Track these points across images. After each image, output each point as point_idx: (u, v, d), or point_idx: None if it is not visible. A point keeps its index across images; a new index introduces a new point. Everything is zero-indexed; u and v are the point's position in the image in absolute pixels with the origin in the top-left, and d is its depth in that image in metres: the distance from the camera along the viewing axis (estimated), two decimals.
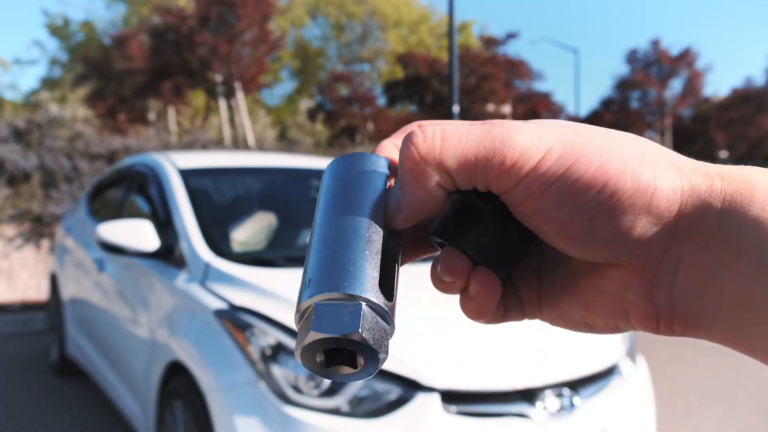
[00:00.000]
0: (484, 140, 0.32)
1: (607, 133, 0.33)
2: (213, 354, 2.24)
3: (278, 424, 1.99)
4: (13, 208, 8.01)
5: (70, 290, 4.36)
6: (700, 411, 3.94)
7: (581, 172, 0.31)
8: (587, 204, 0.31)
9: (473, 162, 0.32)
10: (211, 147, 11.15)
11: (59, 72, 28.92)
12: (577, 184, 0.31)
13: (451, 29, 8.95)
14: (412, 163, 0.33)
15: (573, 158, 0.31)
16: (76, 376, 4.38)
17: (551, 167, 0.31)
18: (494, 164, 0.32)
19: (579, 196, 0.31)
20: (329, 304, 0.31)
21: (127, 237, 2.81)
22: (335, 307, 0.31)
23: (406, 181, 0.34)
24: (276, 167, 3.82)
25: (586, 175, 0.31)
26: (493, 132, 0.32)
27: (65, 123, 10.26)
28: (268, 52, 20.04)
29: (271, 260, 2.76)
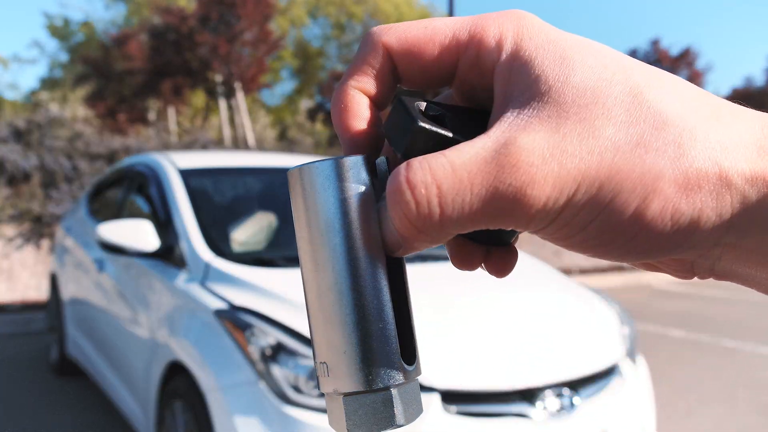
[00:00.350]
0: (494, 198, 0.26)
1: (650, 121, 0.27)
2: (213, 354, 2.24)
3: (278, 424, 1.99)
4: (13, 208, 8.01)
5: (70, 290, 4.36)
6: (700, 411, 3.94)
7: (614, 221, 0.26)
8: (619, 240, 0.27)
9: (483, 225, 0.27)
10: (211, 147, 11.15)
11: (59, 72, 28.93)
12: (608, 232, 0.27)
13: None
14: (407, 233, 0.28)
15: (602, 205, 0.26)
16: (76, 376, 4.38)
17: (576, 219, 0.27)
18: (506, 226, 0.27)
19: (611, 239, 0.27)
20: (357, 398, 0.30)
21: (127, 237, 2.81)
22: (365, 402, 0.30)
23: (402, 237, 0.29)
24: (276, 167, 3.82)
25: (619, 225, 0.26)
26: (504, 181, 0.26)
27: (65, 123, 10.26)
28: (268, 52, 20.03)
29: (271, 260, 2.76)
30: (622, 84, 0.27)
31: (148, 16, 22.56)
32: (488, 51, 0.29)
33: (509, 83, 0.28)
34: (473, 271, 0.34)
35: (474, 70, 0.30)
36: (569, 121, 0.27)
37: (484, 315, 2.42)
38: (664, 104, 0.27)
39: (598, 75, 0.27)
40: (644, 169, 0.26)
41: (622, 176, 0.26)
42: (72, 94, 25.55)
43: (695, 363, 4.99)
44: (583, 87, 0.27)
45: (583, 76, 0.27)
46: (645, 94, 0.27)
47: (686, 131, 0.27)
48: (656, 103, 0.27)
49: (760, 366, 4.97)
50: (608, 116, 0.27)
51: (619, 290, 8.68)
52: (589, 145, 0.26)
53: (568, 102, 0.27)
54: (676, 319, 6.69)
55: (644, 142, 0.26)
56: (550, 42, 0.28)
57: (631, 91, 0.27)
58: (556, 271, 3.12)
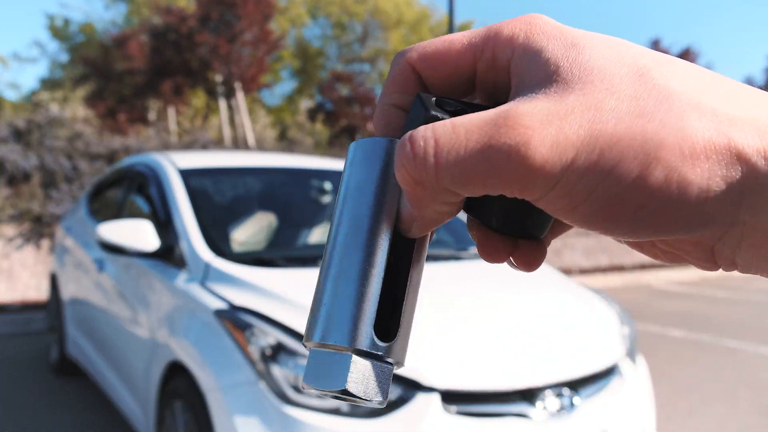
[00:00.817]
0: (489, 155, 0.27)
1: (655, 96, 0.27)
2: (213, 354, 2.24)
3: (278, 424, 1.99)
4: (13, 208, 8.01)
5: (70, 290, 4.36)
6: (701, 411, 3.93)
7: (617, 190, 0.26)
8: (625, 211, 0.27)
9: (479, 183, 0.27)
10: (211, 147, 11.15)
11: (60, 73, 28.94)
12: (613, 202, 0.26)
13: (451, 29, 8.95)
14: (408, 187, 0.29)
15: (603, 173, 0.26)
16: (76, 376, 4.38)
17: (577, 186, 0.26)
18: (504, 187, 0.27)
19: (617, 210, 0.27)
20: (322, 352, 0.31)
21: (127, 237, 2.82)
22: (326, 358, 0.31)
23: (409, 200, 0.30)
24: (276, 167, 3.82)
25: (622, 193, 0.26)
26: (499, 140, 0.26)
27: (65, 123, 10.26)
28: (269, 52, 20.04)
29: (271, 260, 2.76)
30: (630, 65, 0.28)
31: (148, 16, 22.57)
32: (502, 49, 0.30)
33: (522, 73, 0.29)
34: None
35: (492, 71, 0.31)
36: (573, 95, 0.27)
37: (484, 315, 2.42)
38: (671, 82, 0.27)
39: (606, 56, 0.28)
40: (645, 137, 0.26)
41: (623, 144, 0.26)
42: (72, 94, 25.56)
43: (696, 363, 4.99)
44: (590, 66, 0.28)
45: (591, 57, 0.28)
46: (652, 73, 0.27)
47: (692, 105, 0.26)
48: (663, 80, 0.27)
49: (761, 366, 4.97)
50: (612, 91, 0.27)
51: (619, 290, 8.68)
52: (591, 114, 0.26)
53: (575, 79, 0.27)
54: (677, 319, 6.68)
55: (647, 113, 0.26)
56: (560, 32, 0.29)
57: (638, 71, 0.28)
58: (556, 271, 3.12)
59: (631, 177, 0.26)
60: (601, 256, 10.58)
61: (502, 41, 0.30)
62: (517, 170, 0.26)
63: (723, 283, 9.47)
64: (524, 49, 0.29)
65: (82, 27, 28.33)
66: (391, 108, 0.34)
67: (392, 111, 0.34)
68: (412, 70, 0.33)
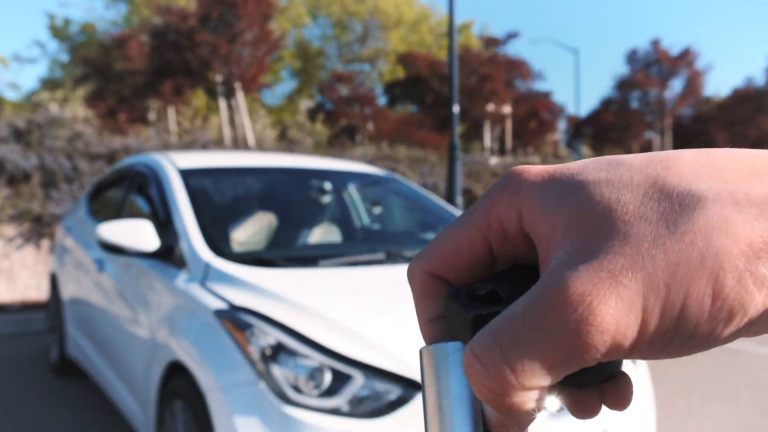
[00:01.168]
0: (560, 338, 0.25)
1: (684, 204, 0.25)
2: (213, 354, 2.24)
3: (278, 424, 1.99)
4: (13, 208, 8.01)
5: (70, 290, 4.36)
6: (702, 411, 3.93)
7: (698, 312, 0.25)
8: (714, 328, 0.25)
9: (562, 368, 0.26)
10: (211, 147, 11.15)
11: (59, 73, 28.94)
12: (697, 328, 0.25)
13: (451, 29, 8.95)
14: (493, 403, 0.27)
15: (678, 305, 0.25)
16: (76, 376, 4.38)
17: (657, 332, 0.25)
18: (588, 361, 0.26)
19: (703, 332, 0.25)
20: None
21: (127, 237, 2.82)
22: None
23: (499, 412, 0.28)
24: (276, 167, 3.82)
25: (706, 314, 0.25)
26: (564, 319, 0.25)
27: (65, 123, 10.26)
28: (269, 52, 20.04)
29: (271, 260, 2.76)
30: (641, 181, 0.26)
31: (148, 16, 22.57)
32: (507, 218, 0.30)
33: (541, 234, 0.28)
34: None
35: (507, 241, 0.31)
36: (603, 240, 0.25)
37: None
38: (691, 182, 0.26)
39: (614, 183, 0.27)
40: (701, 252, 0.24)
41: (683, 270, 0.24)
42: (72, 94, 25.56)
43: (696, 363, 4.99)
44: (603, 202, 0.26)
45: (599, 193, 0.27)
46: (667, 181, 0.26)
47: (725, 199, 0.25)
48: (683, 184, 0.26)
49: (761, 366, 4.97)
50: (640, 218, 0.25)
51: None
52: (634, 253, 0.25)
53: (594, 222, 0.26)
54: None
55: (688, 227, 0.25)
56: (552, 177, 0.29)
57: (653, 185, 0.26)
58: None
59: (707, 296, 0.24)
60: None
61: (503, 211, 0.30)
62: (595, 341, 0.25)
63: None
64: (529, 210, 0.29)
65: (83, 27, 28.33)
66: (433, 322, 0.33)
67: (436, 325, 0.33)
68: (432, 277, 0.32)
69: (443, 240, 0.32)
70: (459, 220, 0.31)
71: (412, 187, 4.07)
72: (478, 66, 23.93)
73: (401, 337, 2.14)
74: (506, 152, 26.74)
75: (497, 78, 24.06)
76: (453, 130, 8.84)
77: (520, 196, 0.29)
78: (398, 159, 12.55)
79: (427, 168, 12.19)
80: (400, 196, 4.07)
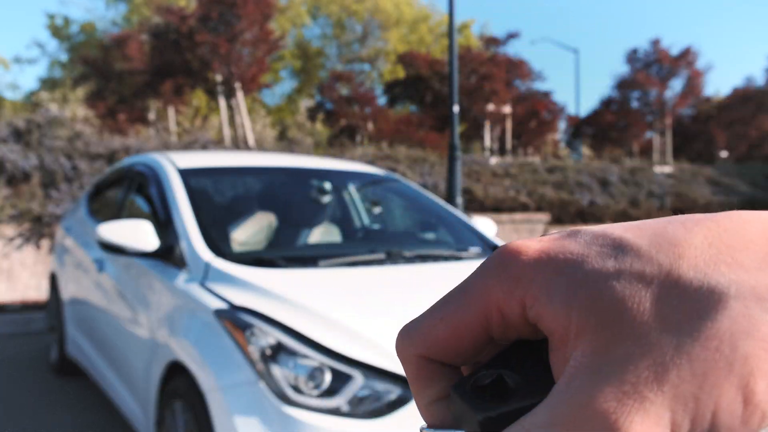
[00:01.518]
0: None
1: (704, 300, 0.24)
2: (213, 354, 2.24)
3: (278, 424, 1.99)
4: (13, 208, 8.01)
5: (70, 290, 4.36)
6: None
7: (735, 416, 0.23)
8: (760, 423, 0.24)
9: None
10: (211, 147, 11.15)
11: (59, 73, 28.94)
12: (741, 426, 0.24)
13: (451, 29, 8.95)
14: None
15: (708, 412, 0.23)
16: (76, 376, 4.38)
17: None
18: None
19: None
20: None
21: (127, 237, 2.82)
22: None
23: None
24: (276, 167, 3.82)
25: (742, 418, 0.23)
26: None
27: (65, 123, 10.26)
28: (269, 52, 20.03)
29: (271, 260, 2.76)
30: (654, 274, 0.25)
31: (148, 16, 22.57)
32: (512, 312, 0.28)
33: (551, 330, 0.26)
34: None
35: (510, 332, 0.29)
36: (620, 346, 0.24)
37: None
38: (709, 275, 0.24)
39: (625, 277, 0.25)
40: (729, 359, 0.23)
41: (711, 378, 0.23)
42: (72, 94, 25.56)
43: None
44: (618, 300, 0.24)
45: (611, 288, 0.25)
46: (682, 273, 0.24)
47: (747, 296, 0.24)
48: (699, 277, 0.24)
49: None
50: (659, 320, 0.24)
51: None
52: (655, 364, 0.23)
53: (610, 323, 0.24)
54: None
55: (711, 334, 0.23)
56: (558, 272, 0.26)
57: (667, 277, 0.24)
58: None
59: (738, 403, 0.23)
60: None
61: (503, 300, 0.27)
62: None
63: None
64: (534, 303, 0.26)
65: (83, 26, 28.33)
66: (433, 405, 0.31)
67: (437, 407, 0.31)
68: (427, 361, 0.30)
69: (437, 323, 0.29)
70: (453, 303, 0.29)
71: (412, 187, 4.08)
72: (478, 66, 23.93)
73: None
74: (506, 152, 26.74)
75: (497, 78, 24.06)
76: (453, 130, 8.84)
77: (522, 286, 0.27)
78: (398, 159, 12.55)
79: (427, 168, 12.19)
80: (400, 196, 4.07)
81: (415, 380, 0.31)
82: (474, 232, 3.50)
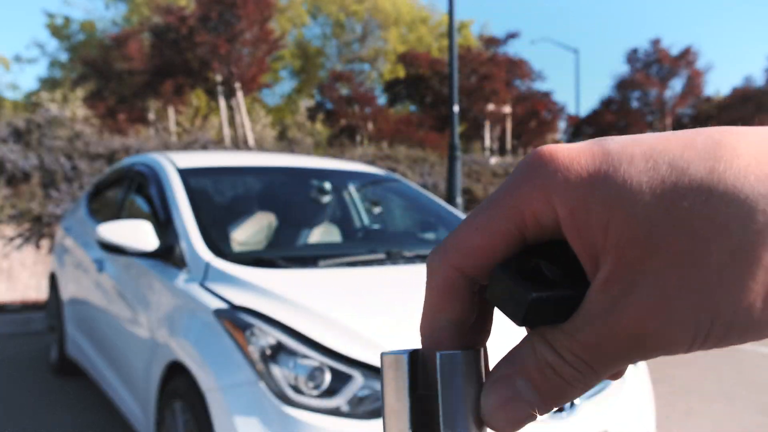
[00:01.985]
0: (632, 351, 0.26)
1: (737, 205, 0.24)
2: (213, 354, 2.24)
3: (278, 424, 1.99)
4: (12, 208, 8.01)
5: (69, 290, 4.36)
6: (701, 411, 3.93)
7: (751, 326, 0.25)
8: None
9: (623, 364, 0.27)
10: (211, 147, 11.14)
11: (59, 72, 28.93)
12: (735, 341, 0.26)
13: (451, 28, 8.95)
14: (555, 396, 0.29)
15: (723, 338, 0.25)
16: (76, 376, 4.38)
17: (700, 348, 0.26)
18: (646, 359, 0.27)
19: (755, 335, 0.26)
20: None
21: (126, 237, 2.81)
22: None
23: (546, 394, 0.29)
24: (276, 167, 3.82)
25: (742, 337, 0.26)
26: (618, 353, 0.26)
27: (65, 123, 10.26)
28: (269, 52, 20.03)
29: (271, 260, 2.76)
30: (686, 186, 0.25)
31: (147, 16, 22.57)
32: (547, 218, 0.28)
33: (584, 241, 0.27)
34: None
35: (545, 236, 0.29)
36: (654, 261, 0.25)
37: None
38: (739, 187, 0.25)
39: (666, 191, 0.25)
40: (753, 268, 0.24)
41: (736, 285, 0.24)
42: (72, 94, 25.55)
43: (696, 363, 4.99)
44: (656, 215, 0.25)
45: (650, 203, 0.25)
46: (713, 185, 0.25)
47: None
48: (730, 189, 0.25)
49: (761, 366, 4.97)
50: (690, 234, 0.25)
51: None
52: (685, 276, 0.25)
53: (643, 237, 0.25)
54: None
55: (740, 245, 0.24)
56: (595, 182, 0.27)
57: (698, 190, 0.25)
58: None
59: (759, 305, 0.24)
60: None
61: (538, 207, 0.28)
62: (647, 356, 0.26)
63: None
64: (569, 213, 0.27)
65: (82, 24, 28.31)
66: (447, 326, 0.31)
67: (451, 329, 0.31)
68: (458, 274, 0.30)
69: (472, 233, 0.29)
70: (487, 213, 0.29)
71: (412, 187, 4.07)
72: (478, 66, 23.93)
73: (401, 337, 2.14)
74: (506, 152, 26.74)
75: (497, 78, 24.06)
76: (453, 129, 8.83)
77: (556, 194, 0.27)
78: (398, 159, 12.55)
79: (427, 168, 12.19)
80: (400, 196, 4.07)
81: (439, 297, 0.30)
82: None
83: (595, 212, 0.26)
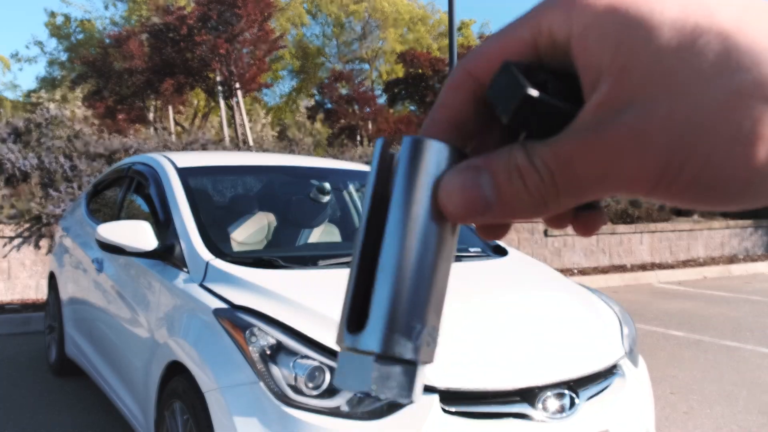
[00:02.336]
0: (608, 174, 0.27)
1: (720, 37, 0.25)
2: (212, 354, 2.23)
3: (278, 424, 1.99)
4: (12, 207, 8.01)
5: (69, 290, 4.35)
6: (700, 411, 3.93)
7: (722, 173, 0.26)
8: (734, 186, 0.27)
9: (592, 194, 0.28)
10: (211, 147, 11.14)
11: (58, 72, 28.92)
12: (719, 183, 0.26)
13: (451, 28, 8.94)
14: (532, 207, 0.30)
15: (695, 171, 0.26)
16: (76, 376, 4.38)
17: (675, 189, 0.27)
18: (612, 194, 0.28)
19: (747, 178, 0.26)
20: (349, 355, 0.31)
21: (126, 237, 2.81)
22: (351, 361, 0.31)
23: None
24: (276, 167, 3.81)
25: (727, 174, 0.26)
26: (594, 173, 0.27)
27: (64, 122, 10.25)
28: (269, 52, 20.01)
29: (270, 260, 2.76)
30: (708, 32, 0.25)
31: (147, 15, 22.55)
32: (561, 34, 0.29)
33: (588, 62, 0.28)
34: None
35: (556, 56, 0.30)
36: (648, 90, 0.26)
37: (483, 314, 2.41)
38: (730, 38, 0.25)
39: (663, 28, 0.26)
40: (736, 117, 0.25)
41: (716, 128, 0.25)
42: (71, 93, 25.54)
43: (696, 363, 4.99)
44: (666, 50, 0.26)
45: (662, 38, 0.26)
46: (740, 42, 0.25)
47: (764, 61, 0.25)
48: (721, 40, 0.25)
49: (761, 366, 4.97)
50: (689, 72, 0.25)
51: (620, 290, 8.68)
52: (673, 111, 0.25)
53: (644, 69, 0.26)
54: (677, 319, 6.68)
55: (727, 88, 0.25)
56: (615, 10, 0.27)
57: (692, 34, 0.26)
58: (556, 272, 3.12)
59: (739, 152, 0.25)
60: (601, 256, 10.58)
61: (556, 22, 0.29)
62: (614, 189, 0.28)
63: (723, 284, 9.47)
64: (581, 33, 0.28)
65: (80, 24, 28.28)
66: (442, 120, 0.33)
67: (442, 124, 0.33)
68: (469, 76, 0.32)
69: (490, 40, 0.31)
70: (509, 25, 0.31)
71: None
72: None
73: None
74: None
75: None
76: None
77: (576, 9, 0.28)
78: None
79: None
80: None
81: (445, 93, 0.33)
82: (474, 232, 3.50)
83: (610, 31, 0.27)
